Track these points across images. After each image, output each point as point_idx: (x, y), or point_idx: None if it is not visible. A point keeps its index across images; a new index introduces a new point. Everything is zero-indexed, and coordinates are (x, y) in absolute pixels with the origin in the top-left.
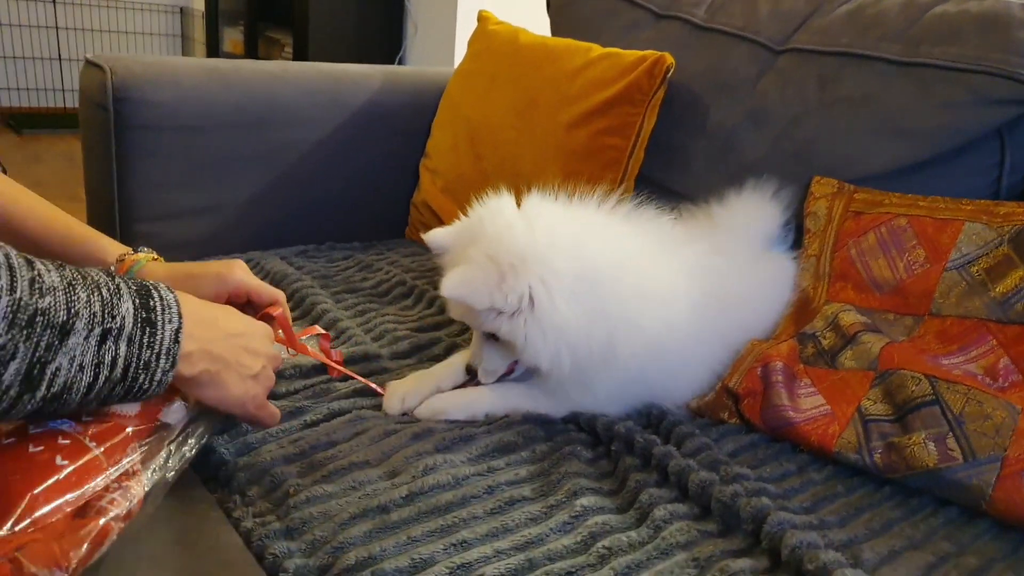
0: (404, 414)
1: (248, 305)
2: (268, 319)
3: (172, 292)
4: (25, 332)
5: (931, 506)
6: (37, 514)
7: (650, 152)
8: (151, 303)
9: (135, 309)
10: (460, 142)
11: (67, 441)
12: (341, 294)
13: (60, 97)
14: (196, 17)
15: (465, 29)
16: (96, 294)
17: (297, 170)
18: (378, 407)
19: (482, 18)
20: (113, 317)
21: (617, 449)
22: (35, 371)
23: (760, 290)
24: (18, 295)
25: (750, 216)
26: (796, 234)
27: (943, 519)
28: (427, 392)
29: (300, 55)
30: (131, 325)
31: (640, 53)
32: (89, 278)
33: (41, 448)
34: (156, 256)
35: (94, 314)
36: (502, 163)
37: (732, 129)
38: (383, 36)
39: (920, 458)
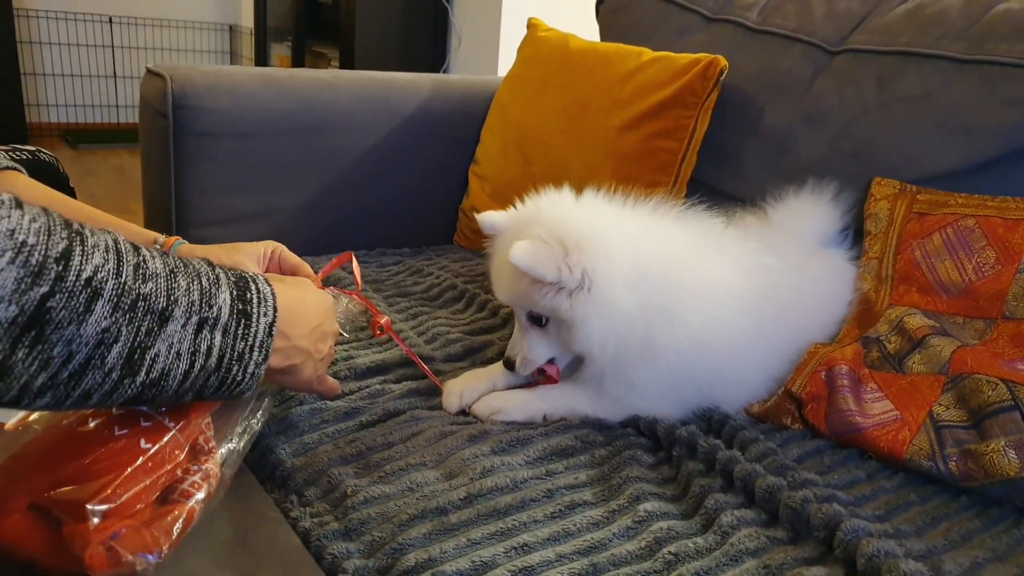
0: (461, 412)
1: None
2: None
3: (269, 284)
4: (128, 316)
5: (1013, 516)
6: (125, 497)
7: (703, 155)
8: (248, 295)
9: (232, 300)
10: (509, 148)
11: (149, 423)
12: (393, 298)
13: (114, 113)
14: (245, 34)
15: (509, 40)
16: (196, 283)
17: (348, 176)
18: (432, 408)
19: (531, 25)
20: (210, 307)
21: (679, 454)
22: (136, 355)
23: (817, 291)
24: (123, 279)
25: (807, 217)
26: (855, 236)
27: None
28: (484, 389)
29: (346, 69)
30: (227, 316)
31: (693, 56)
32: (191, 267)
33: (126, 431)
34: (182, 241)
35: (192, 303)
36: (551, 168)
37: (787, 131)
38: (428, 48)
39: (1000, 466)
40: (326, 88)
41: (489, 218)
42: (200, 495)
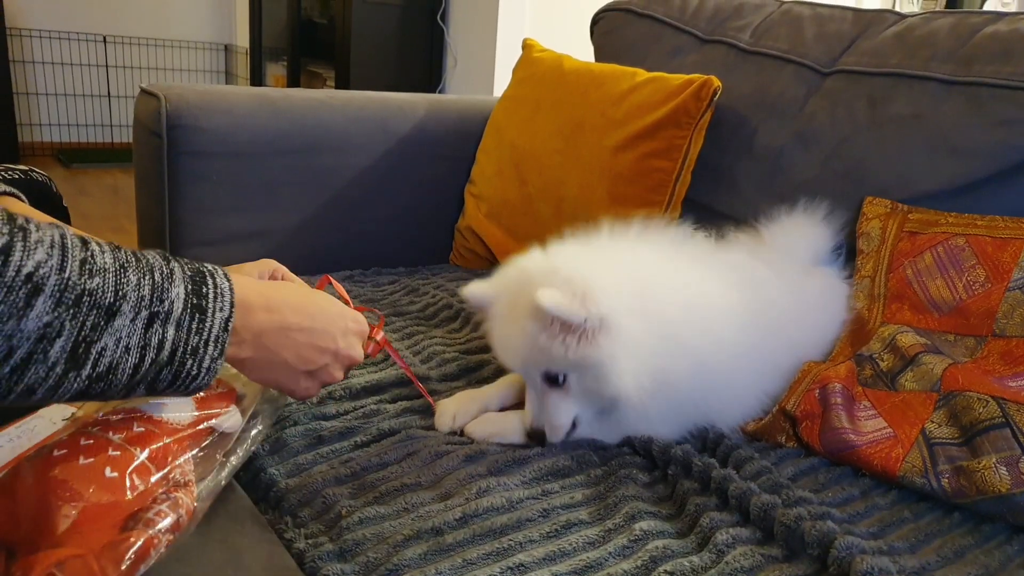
0: (455, 432)
1: None
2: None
3: (229, 280)
4: (72, 311)
5: (1005, 533)
6: (83, 528)
7: (697, 175)
8: (204, 290)
9: (186, 295)
10: (505, 168)
11: (117, 453)
12: (389, 317)
13: (108, 132)
14: (240, 54)
15: (504, 60)
16: (148, 277)
17: (344, 196)
18: (428, 428)
19: (526, 46)
20: (161, 301)
21: (674, 473)
22: (80, 349)
23: (810, 310)
24: (67, 275)
25: (799, 236)
26: (848, 255)
27: (1019, 546)
28: (477, 410)
29: (342, 89)
30: (180, 310)
31: (687, 77)
32: (144, 261)
33: (92, 460)
34: None
35: (142, 297)
36: (547, 187)
37: (780, 151)
38: (423, 69)
39: (991, 483)
40: (321, 108)
41: (475, 291)
42: (164, 523)
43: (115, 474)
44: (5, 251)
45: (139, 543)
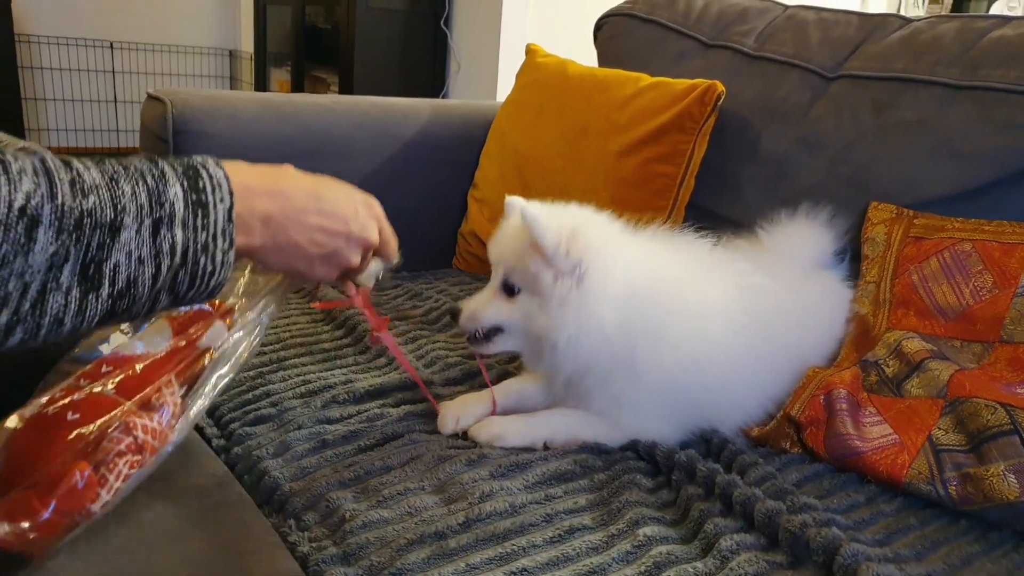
0: (457, 435)
1: None
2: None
3: (221, 167)
4: (74, 235)
5: (1012, 540)
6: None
7: (701, 179)
8: (200, 183)
9: (184, 192)
10: (508, 172)
11: (82, 396)
12: (392, 321)
13: (115, 137)
14: (244, 59)
15: (507, 65)
16: (141, 184)
17: None
18: (431, 432)
19: (530, 51)
20: (161, 205)
21: (678, 478)
22: (91, 271)
23: (811, 312)
24: (59, 200)
25: (801, 240)
26: (852, 260)
27: None
28: (480, 413)
29: (346, 94)
30: (183, 210)
31: (690, 82)
32: (132, 168)
33: (78, 416)
34: None
35: (141, 206)
36: (550, 192)
37: (785, 155)
38: (427, 74)
39: (999, 490)
40: (326, 113)
41: (517, 200)
42: (118, 447)
43: (76, 415)
44: None
45: (78, 479)
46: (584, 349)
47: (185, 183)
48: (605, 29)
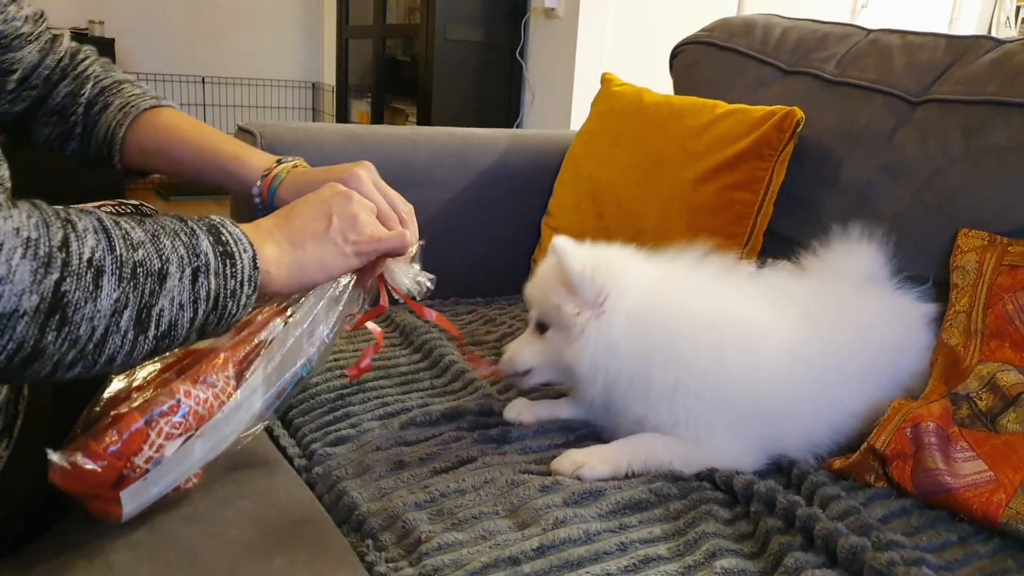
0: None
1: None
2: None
3: (237, 226)
4: (132, 283)
5: None
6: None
7: (780, 206)
8: (223, 237)
9: (211, 245)
10: (582, 200)
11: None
12: (466, 346)
13: None
14: (327, 91)
15: (582, 94)
16: (178, 239)
17: (425, 229)
18: (503, 455)
19: (605, 80)
20: (197, 256)
21: (756, 509)
22: (143, 315)
23: (870, 334)
24: (118, 252)
25: (851, 259)
26: (941, 289)
27: None
28: (542, 410)
29: (424, 124)
30: (214, 260)
31: (768, 108)
32: (167, 226)
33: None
34: (298, 162)
35: (181, 257)
36: (624, 220)
37: (867, 183)
38: (502, 103)
39: None
40: (406, 144)
41: (558, 239)
42: (163, 423)
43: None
44: (65, 243)
45: (139, 422)
46: (602, 373)
47: (211, 237)
48: (681, 57)
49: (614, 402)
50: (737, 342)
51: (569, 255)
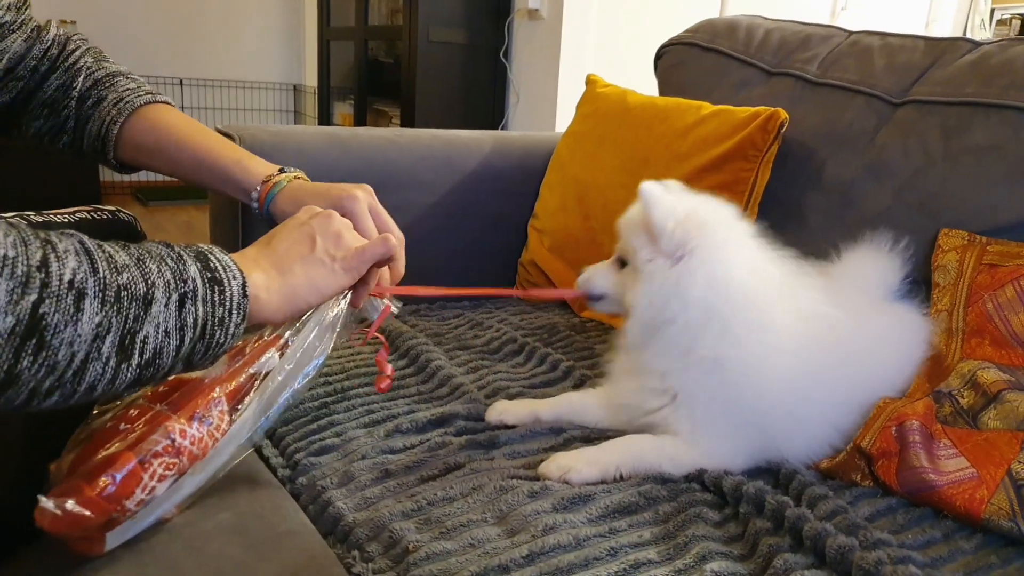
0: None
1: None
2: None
3: (226, 254)
4: (115, 307)
5: None
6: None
7: (764, 207)
8: (211, 263)
9: (199, 271)
10: (568, 202)
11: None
12: (454, 351)
13: None
14: (308, 94)
15: (566, 96)
16: (164, 264)
17: (410, 232)
18: (490, 460)
19: (590, 81)
20: (184, 281)
21: (746, 511)
22: (127, 341)
23: (884, 344)
24: (101, 274)
25: (870, 270)
26: (924, 289)
27: None
28: (524, 412)
29: (407, 126)
30: (202, 286)
31: (752, 109)
32: (153, 251)
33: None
34: (299, 175)
35: (168, 282)
36: (610, 221)
37: (850, 183)
38: (486, 105)
39: None
40: (389, 146)
41: (648, 183)
42: (156, 464)
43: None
44: (44, 263)
45: (117, 464)
46: (653, 322)
47: (199, 263)
48: (665, 58)
49: (648, 346)
50: (812, 356)
51: (654, 202)
